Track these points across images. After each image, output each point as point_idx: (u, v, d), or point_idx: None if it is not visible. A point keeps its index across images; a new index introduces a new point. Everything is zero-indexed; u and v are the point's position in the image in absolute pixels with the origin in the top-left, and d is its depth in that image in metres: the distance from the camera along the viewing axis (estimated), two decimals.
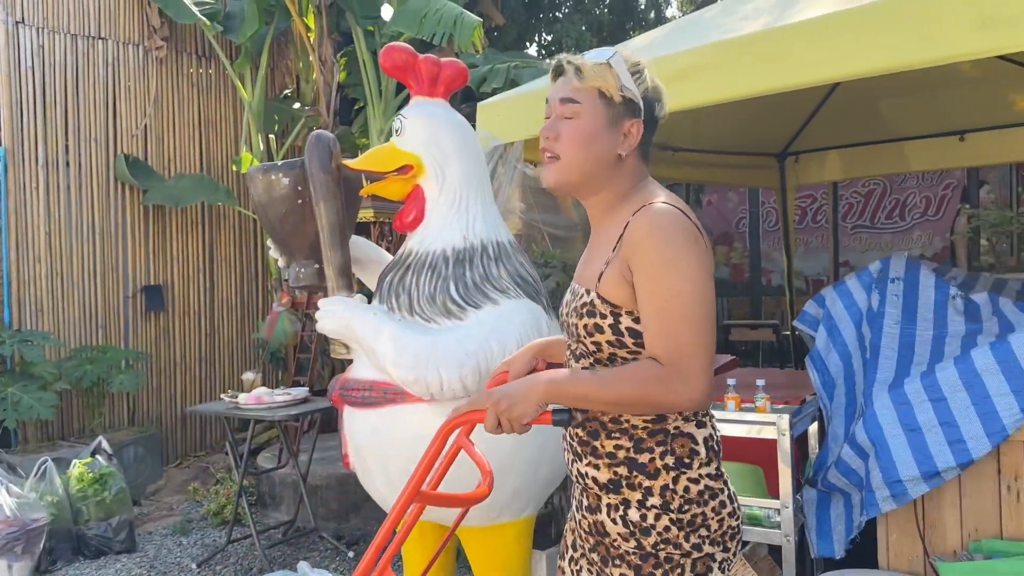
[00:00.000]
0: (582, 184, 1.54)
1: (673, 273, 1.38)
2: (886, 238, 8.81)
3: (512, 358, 1.86)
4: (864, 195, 9.05)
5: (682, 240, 1.39)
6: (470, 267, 2.52)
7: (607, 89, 1.49)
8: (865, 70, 2.49)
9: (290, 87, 6.71)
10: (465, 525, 2.53)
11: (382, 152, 2.65)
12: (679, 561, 1.45)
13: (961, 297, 2.88)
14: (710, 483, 1.48)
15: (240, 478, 4.14)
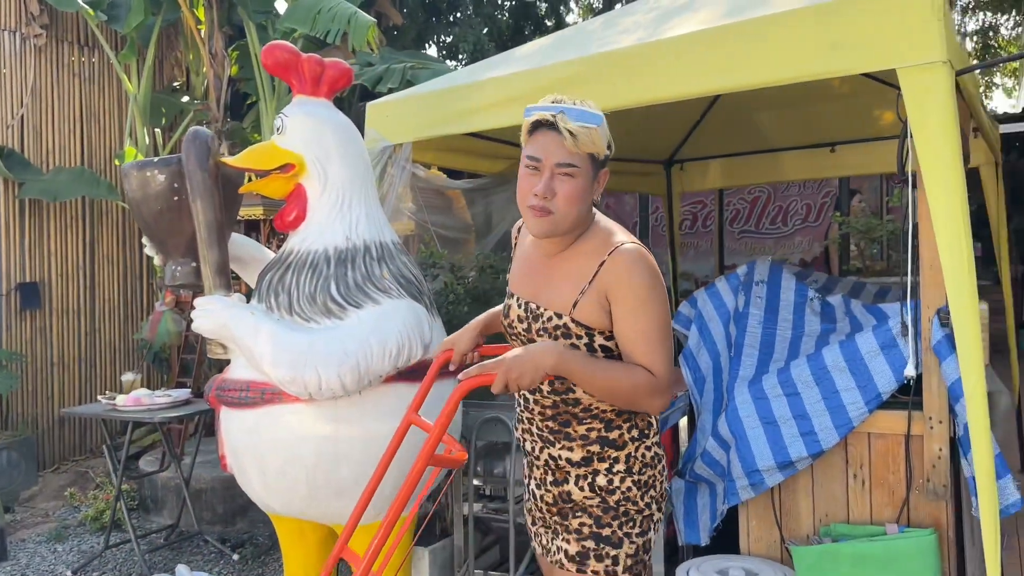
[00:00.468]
0: (571, 230, 1.72)
1: (650, 305, 1.64)
2: (769, 243, 9.28)
3: (457, 336, 2.06)
4: (750, 202, 9.50)
5: (653, 279, 1.66)
6: (352, 267, 2.55)
7: (597, 152, 1.67)
8: (729, 85, 2.66)
9: (179, 80, 6.51)
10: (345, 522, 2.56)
11: (262, 150, 2.64)
12: (633, 516, 1.75)
13: (818, 299, 3.09)
14: (657, 451, 1.80)
15: (118, 482, 4.00)
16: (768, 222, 9.41)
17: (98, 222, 6.24)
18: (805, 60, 2.47)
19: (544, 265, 1.78)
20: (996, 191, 4.75)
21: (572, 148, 1.63)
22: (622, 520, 1.74)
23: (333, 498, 2.48)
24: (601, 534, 1.74)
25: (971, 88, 2.97)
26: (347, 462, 2.44)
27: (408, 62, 5.48)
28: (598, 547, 1.73)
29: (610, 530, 1.74)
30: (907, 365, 2.48)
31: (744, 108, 4.89)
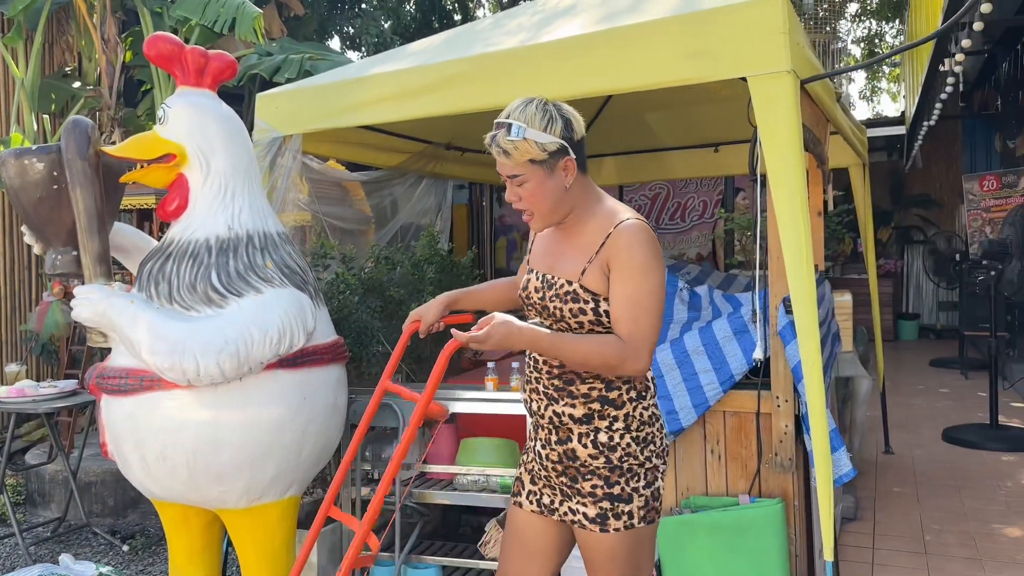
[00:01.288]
0: (559, 218, 1.93)
1: (642, 275, 1.82)
2: (668, 238, 9.63)
3: (425, 308, 2.25)
4: (651, 198, 9.84)
5: (652, 252, 1.84)
6: (234, 256, 2.60)
7: (533, 156, 1.83)
8: (601, 89, 2.83)
9: (71, 65, 6.31)
10: (227, 507, 2.62)
11: (144, 140, 2.66)
12: (636, 470, 1.91)
13: (687, 290, 3.31)
14: (655, 411, 1.97)
15: (1, 475, 3.91)
16: (668, 218, 9.77)
17: None
18: (668, 67, 2.66)
19: (559, 243, 1.98)
20: (864, 190, 5.12)
21: (510, 163, 1.84)
22: (627, 476, 1.90)
23: (213, 483, 2.53)
24: (613, 493, 1.90)
25: (823, 95, 3.23)
26: (228, 447, 2.50)
27: (307, 53, 5.49)
28: (613, 506, 1.90)
29: (619, 488, 1.90)
30: (756, 349, 2.71)
31: (634, 108, 5.11)
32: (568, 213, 1.92)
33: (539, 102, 1.86)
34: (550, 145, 1.82)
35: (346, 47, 7.78)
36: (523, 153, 1.82)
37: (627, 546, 1.91)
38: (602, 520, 1.90)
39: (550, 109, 1.85)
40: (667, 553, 2.71)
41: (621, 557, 1.92)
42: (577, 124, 1.89)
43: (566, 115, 1.87)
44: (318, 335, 2.72)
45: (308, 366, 2.65)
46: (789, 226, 2.47)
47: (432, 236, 4.16)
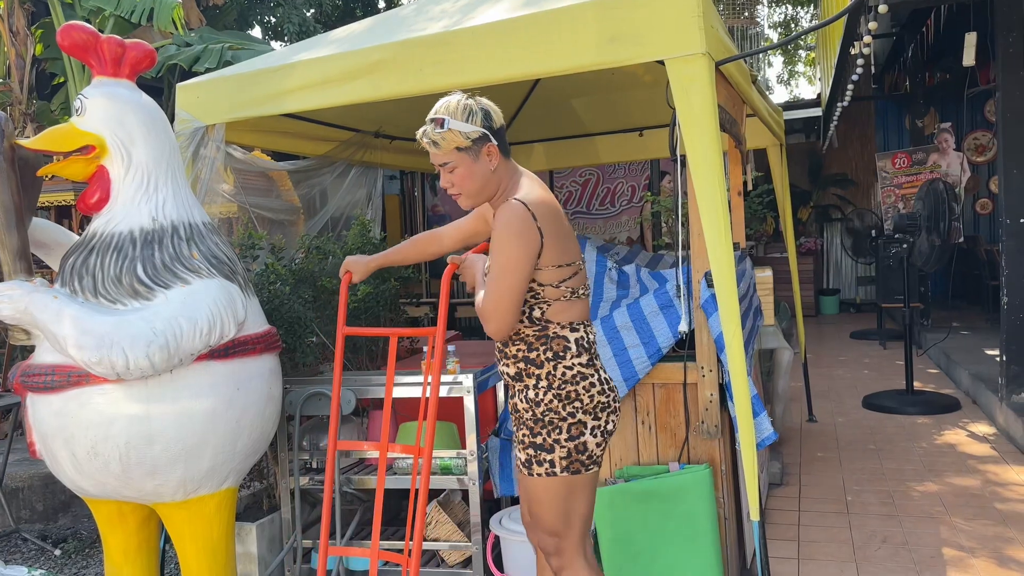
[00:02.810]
0: (486, 198, 2.19)
1: (499, 250, 2.04)
2: (599, 223, 9.79)
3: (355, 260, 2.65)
4: (581, 184, 9.97)
5: (514, 229, 2.03)
6: (159, 248, 2.57)
7: (459, 144, 2.09)
8: (522, 73, 2.87)
9: None
10: (163, 501, 2.60)
11: (61, 132, 2.60)
12: (558, 424, 2.11)
13: (616, 269, 3.40)
14: (581, 369, 2.13)
15: None
16: (598, 203, 9.91)
17: None
18: (588, 51, 2.72)
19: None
20: (781, 170, 5.32)
21: (440, 152, 2.11)
22: (549, 428, 2.11)
23: (148, 477, 2.50)
24: (536, 442, 2.13)
25: (739, 77, 3.35)
26: (161, 440, 2.48)
27: (227, 42, 5.38)
28: (536, 454, 2.13)
29: (541, 438, 2.12)
30: (681, 322, 2.82)
31: (561, 94, 5.19)
32: (495, 193, 2.18)
33: (461, 97, 2.13)
34: (472, 134, 2.08)
35: (268, 36, 7.64)
36: (450, 143, 2.08)
37: (553, 491, 2.12)
38: (528, 465, 2.15)
39: (470, 103, 2.12)
40: (602, 521, 2.80)
41: (547, 501, 2.14)
42: (496, 115, 2.15)
43: (485, 107, 2.13)
44: (249, 325, 2.70)
45: (240, 356, 2.64)
46: (708, 203, 2.57)
47: (364, 225, 4.15)
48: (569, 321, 2.14)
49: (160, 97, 5.91)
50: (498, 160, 2.13)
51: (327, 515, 2.47)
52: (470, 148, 2.09)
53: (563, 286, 2.11)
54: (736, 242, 3.80)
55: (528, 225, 2.03)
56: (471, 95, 2.15)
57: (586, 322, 2.20)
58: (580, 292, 2.16)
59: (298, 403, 3.19)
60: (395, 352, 2.59)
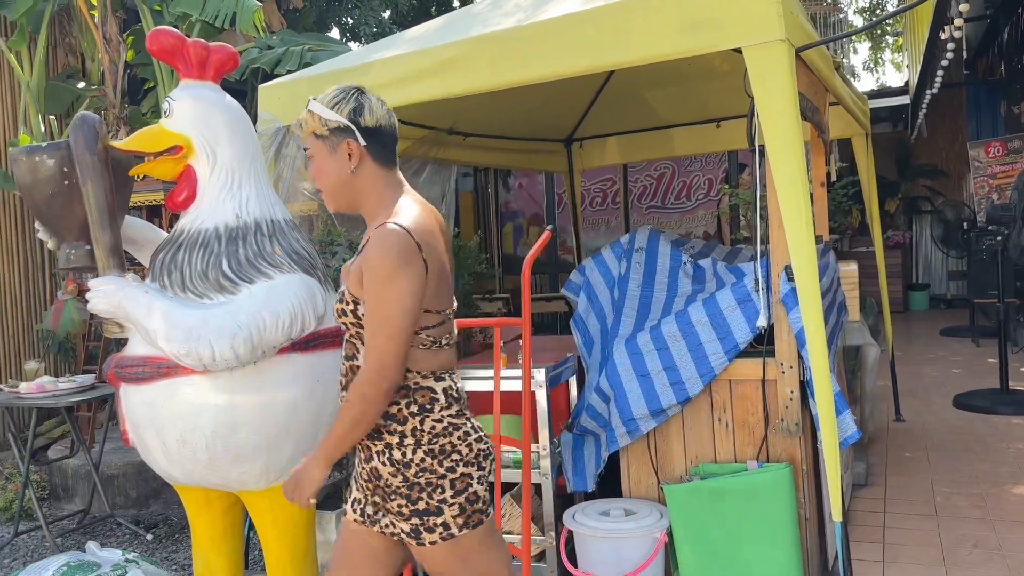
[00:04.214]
0: (346, 205, 1.93)
1: (381, 287, 1.73)
2: (675, 217, 9.65)
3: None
4: (656, 178, 9.84)
5: (396, 259, 1.73)
6: (243, 244, 2.65)
7: (316, 130, 1.88)
8: (598, 65, 2.85)
9: (74, 66, 6.37)
10: (247, 488, 2.69)
11: (150, 133, 2.71)
12: (437, 483, 1.83)
13: (691, 263, 3.34)
14: (452, 420, 1.87)
15: (25, 469, 4.00)
16: (673, 197, 9.78)
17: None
18: (664, 40, 2.68)
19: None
20: (867, 161, 5.13)
21: (302, 135, 1.92)
22: (428, 491, 1.83)
23: (233, 465, 2.59)
24: (419, 509, 1.84)
25: (821, 64, 3.25)
26: (245, 429, 2.56)
27: (307, 44, 5.52)
28: (423, 521, 1.84)
29: (423, 503, 1.84)
30: (759, 317, 2.75)
31: (635, 86, 5.13)
32: (356, 203, 1.93)
33: (346, 86, 1.91)
34: (332, 122, 1.86)
35: (346, 38, 7.81)
36: (309, 126, 1.89)
37: (455, 555, 1.87)
38: (416, 535, 1.86)
39: (348, 92, 1.89)
40: (678, 520, 2.76)
41: (453, 566, 1.89)
42: (372, 115, 1.88)
43: (363, 102, 1.88)
44: (329, 319, 2.76)
45: (320, 349, 2.70)
46: (788, 194, 2.50)
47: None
48: (432, 371, 1.87)
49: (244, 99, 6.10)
50: (362, 164, 1.87)
51: None
52: (327, 138, 1.87)
53: (424, 334, 1.84)
54: (819, 235, 3.69)
55: (414, 255, 1.75)
56: (364, 90, 1.92)
57: (452, 371, 1.93)
58: (443, 342, 1.89)
59: None
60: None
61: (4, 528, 4.44)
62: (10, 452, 5.72)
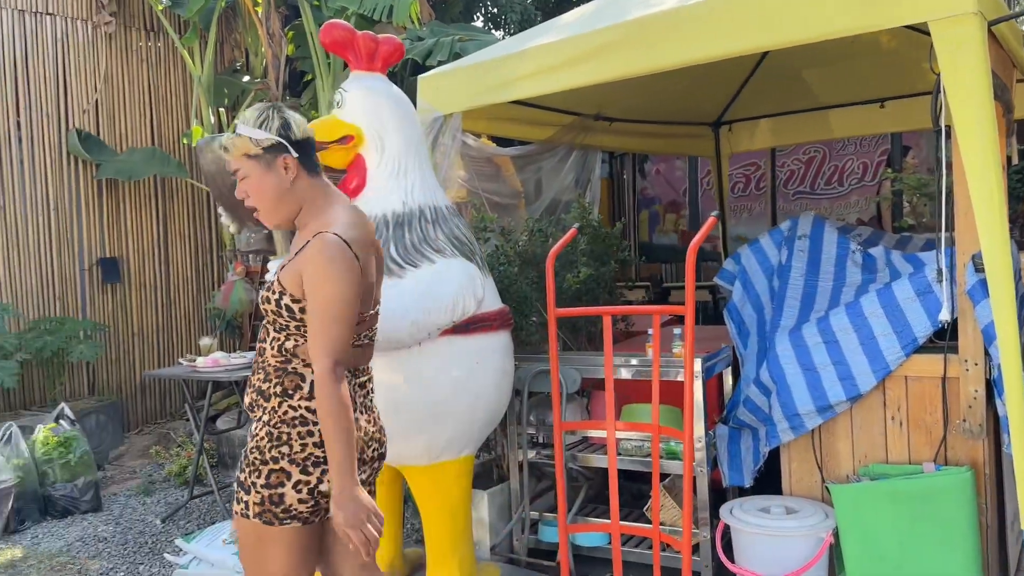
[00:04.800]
0: (285, 217, 1.99)
1: (322, 288, 1.83)
2: (824, 203, 9.18)
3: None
4: (805, 162, 9.40)
5: (336, 265, 1.83)
6: (409, 230, 2.74)
7: (247, 151, 1.92)
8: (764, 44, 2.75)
9: (239, 60, 6.78)
10: (410, 464, 2.79)
11: (324, 123, 2.84)
12: (258, 467, 1.88)
13: (860, 252, 3.17)
14: (305, 413, 1.90)
15: (200, 438, 4.32)
16: (823, 182, 9.30)
17: (169, 199, 6.59)
18: (837, 16, 2.54)
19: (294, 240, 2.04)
20: None
21: (231, 159, 1.94)
22: (250, 468, 1.90)
23: (397, 441, 2.67)
24: (239, 478, 1.93)
25: (1010, 38, 2.98)
26: (407, 408, 2.65)
27: (456, 34, 5.63)
28: (238, 490, 1.93)
29: (243, 475, 1.92)
30: (942, 310, 2.57)
31: (791, 66, 4.90)
32: (294, 213, 1.98)
33: (263, 105, 1.98)
34: (264, 141, 1.90)
35: (489, 26, 7.90)
36: (238, 148, 1.92)
37: (245, 533, 1.93)
38: (233, 498, 1.96)
39: (269, 110, 1.95)
40: (846, 521, 2.64)
41: (241, 542, 1.95)
42: (298, 127, 1.95)
43: (286, 116, 1.95)
44: (486, 303, 2.82)
45: (479, 332, 2.76)
46: (980, 178, 2.32)
47: (584, 207, 4.19)
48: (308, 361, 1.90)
49: None
50: (297, 175, 1.94)
51: (562, 494, 2.53)
52: (260, 156, 1.92)
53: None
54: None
55: (348, 258, 1.85)
56: (276, 105, 1.99)
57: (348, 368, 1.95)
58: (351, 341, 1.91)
59: (526, 379, 3.29)
60: (610, 331, 2.59)
61: (178, 491, 4.82)
62: (181, 422, 6.22)
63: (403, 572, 3.07)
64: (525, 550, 3.30)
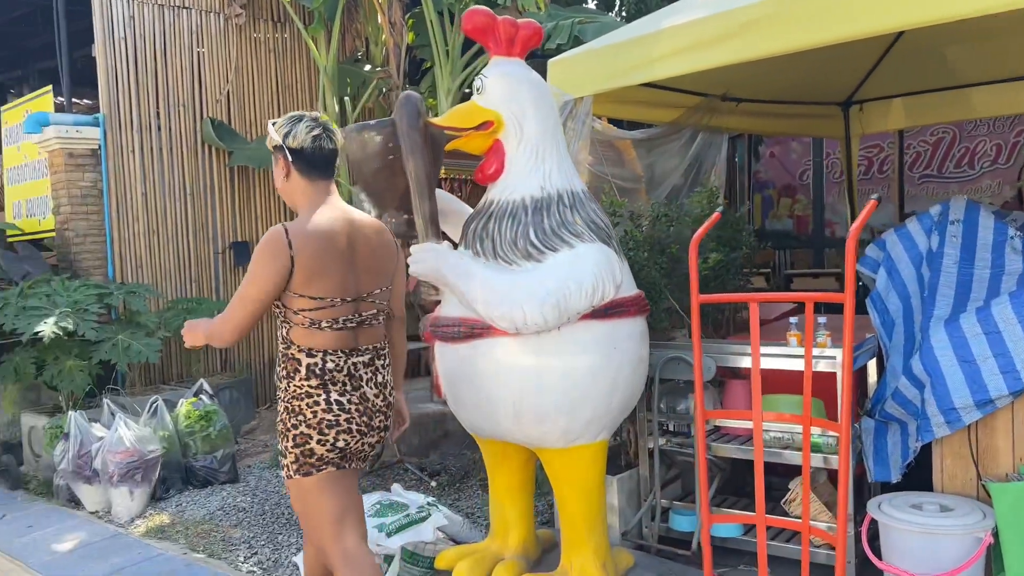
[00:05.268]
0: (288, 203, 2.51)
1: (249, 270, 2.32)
2: (953, 187, 8.69)
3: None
4: (932, 144, 8.91)
5: (261, 251, 2.29)
6: (547, 214, 2.75)
7: (269, 143, 2.45)
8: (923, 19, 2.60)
9: (360, 50, 6.95)
10: (546, 446, 2.81)
11: (465, 110, 2.87)
12: (286, 434, 2.37)
13: (1020, 238, 2.98)
14: (310, 390, 2.34)
15: None
16: (953, 165, 8.81)
17: None
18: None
19: None
20: None
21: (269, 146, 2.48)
22: (281, 437, 2.40)
23: (536, 423, 2.72)
24: (277, 447, 2.45)
25: None
26: (549, 391, 2.68)
27: (575, 17, 5.60)
28: (278, 457, 2.48)
29: (280, 446, 2.42)
30: None
31: (930, 42, 4.64)
32: (292, 204, 2.48)
33: (294, 114, 2.44)
34: (273, 141, 2.43)
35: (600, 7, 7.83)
36: (269, 139, 2.45)
37: (293, 493, 2.43)
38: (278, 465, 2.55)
39: (291, 119, 2.42)
40: (1007, 521, 2.50)
41: (295, 501, 2.45)
42: (297, 139, 2.38)
43: (293, 128, 2.39)
44: (624, 288, 2.80)
45: (617, 317, 2.75)
46: None
47: (712, 192, 4.10)
48: (308, 347, 2.34)
49: None
50: (288, 176, 2.42)
51: (704, 483, 2.50)
52: (272, 152, 2.45)
53: (303, 315, 2.32)
54: None
55: (278, 248, 2.26)
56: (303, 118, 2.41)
57: (329, 350, 2.34)
58: (324, 325, 2.33)
59: (657, 366, 3.26)
60: (757, 319, 2.53)
61: None
62: None
63: (536, 552, 3.11)
64: (655, 537, 3.29)
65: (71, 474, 4.39)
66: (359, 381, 2.38)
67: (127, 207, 5.86)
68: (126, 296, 5.23)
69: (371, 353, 2.43)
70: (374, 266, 2.44)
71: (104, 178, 5.74)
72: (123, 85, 5.85)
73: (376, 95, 6.57)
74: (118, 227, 5.81)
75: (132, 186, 5.89)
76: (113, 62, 5.79)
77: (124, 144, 5.85)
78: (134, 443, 4.32)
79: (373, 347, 2.44)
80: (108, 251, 5.77)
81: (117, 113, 5.82)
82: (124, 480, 4.26)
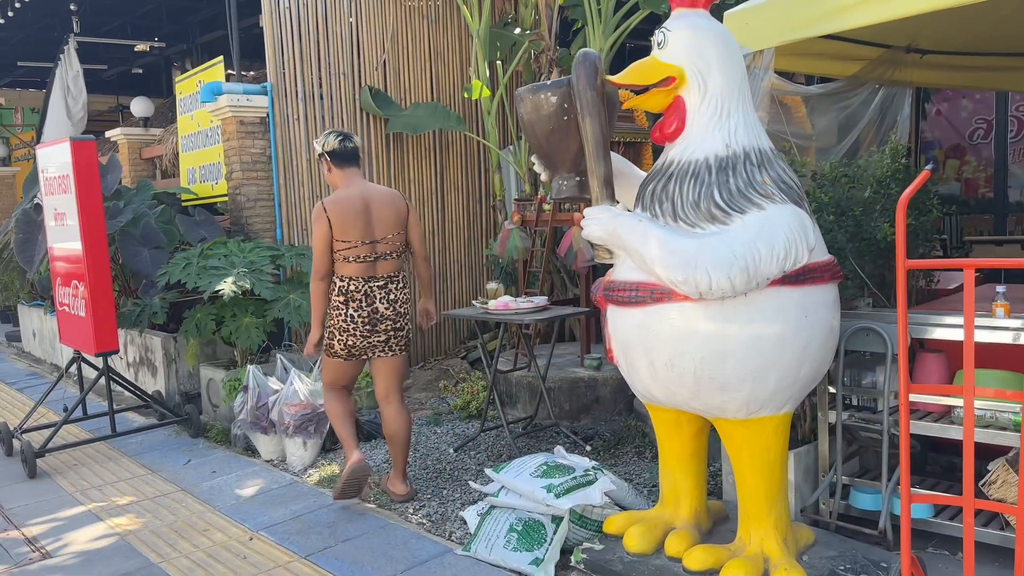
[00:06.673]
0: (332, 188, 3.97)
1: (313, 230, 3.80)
2: None
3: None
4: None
5: (314, 219, 3.76)
6: (733, 174, 2.62)
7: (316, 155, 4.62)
8: None
9: (510, 13, 6.92)
10: (726, 416, 2.72)
11: (644, 66, 2.77)
12: (328, 326, 3.84)
13: None
14: (338, 304, 3.78)
15: (492, 376, 4.57)
16: None
17: (446, 152, 6.95)
18: None
19: None
20: None
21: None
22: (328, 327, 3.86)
23: (717, 392, 2.63)
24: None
25: None
26: (732, 359, 2.57)
27: None
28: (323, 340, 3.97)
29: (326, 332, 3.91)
30: None
31: None
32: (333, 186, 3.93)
33: (330, 131, 3.91)
34: (317, 151, 3.93)
35: None
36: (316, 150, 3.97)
37: (324, 364, 3.96)
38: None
39: (324, 135, 3.91)
40: None
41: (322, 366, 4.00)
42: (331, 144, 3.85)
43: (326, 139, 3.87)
44: (816, 253, 2.65)
45: (809, 284, 2.60)
46: None
47: (896, 150, 3.81)
48: (341, 274, 3.77)
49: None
50: (330, 171, 3.89)
51: (906, 462, 2.34)
52: (319, 157, 3.93)
53: (339, 253, 3.74)
54: None
55: (320, 215, 3.73)
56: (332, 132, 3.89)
57: (354, 277, 3.74)
58: (350, 259, 3.73)
59: (844, 337, 3.08)
60: (972, 287, 2.32)
61: (464, 423, 5.16)
62: (455, 360, 6.62)
63: (708, 523, 3.04)
64: (835, 514, 3.14)
65: (249, 424, 4.68)
66: (373, 299, 3.75)
67: (293, 173, 6.13)
68: (296, 257, 5.49)
69: (386, 279, 3.80)
70: (385, 217, 3.78)
71: (272, 145, 6.01)
72: (288, 54, 6.08)
73: (526, 58, 6.53)
74: (285, 192, 6.09)
75: (298, 152, 6.14)
76: (279, 32, 6.02)
77: (290, 113, 6.10)
78: (307, 396, 4.55)
79: (387, 275, 3.80)
80: (276, 215, 6.07)
81: (283, 82, 6.06)
82: (298, 431, 4.50)
